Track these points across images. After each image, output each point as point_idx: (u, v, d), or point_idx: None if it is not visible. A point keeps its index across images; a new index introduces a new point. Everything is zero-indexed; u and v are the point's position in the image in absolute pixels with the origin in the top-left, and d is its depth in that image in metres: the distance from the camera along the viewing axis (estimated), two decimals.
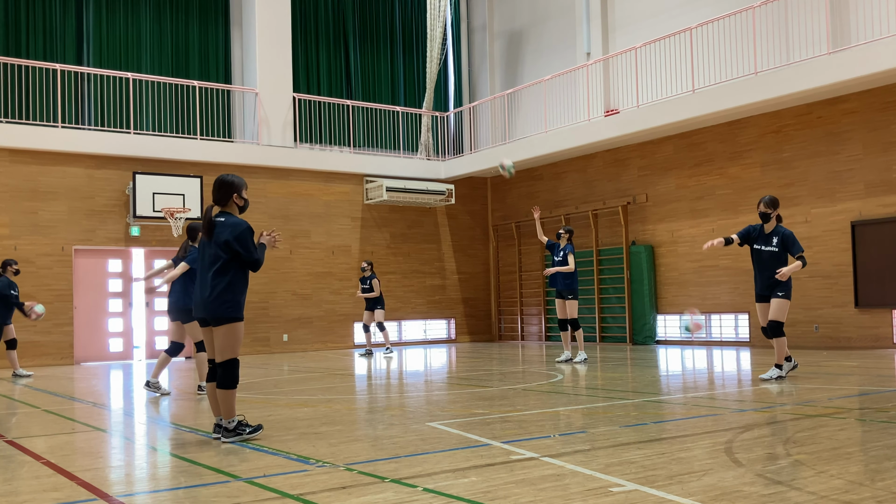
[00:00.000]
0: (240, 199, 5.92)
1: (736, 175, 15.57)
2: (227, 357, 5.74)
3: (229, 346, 5.74)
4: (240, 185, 5.93)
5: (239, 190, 5.91)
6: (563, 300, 12.59)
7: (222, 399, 5.74)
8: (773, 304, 8.84)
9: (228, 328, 5.72)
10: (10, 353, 13.04)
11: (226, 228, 5.72)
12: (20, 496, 4.24)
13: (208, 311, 5.71)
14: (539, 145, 18.16)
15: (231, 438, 5.71)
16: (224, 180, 5.90)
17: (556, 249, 12.67)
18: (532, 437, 5.58)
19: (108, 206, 16.41)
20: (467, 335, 20.94)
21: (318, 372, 12.24)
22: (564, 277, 12.47)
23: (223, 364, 5.73)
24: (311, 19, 20.00)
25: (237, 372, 5.78)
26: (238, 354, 5.83)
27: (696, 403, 7.37)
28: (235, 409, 5.82)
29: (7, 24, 16.60)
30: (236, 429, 5.74)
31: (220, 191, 5.88)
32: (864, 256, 13.65)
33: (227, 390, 5.74)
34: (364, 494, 4.05)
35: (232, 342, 5.74)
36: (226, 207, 5.89)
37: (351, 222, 19.31)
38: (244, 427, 5.78)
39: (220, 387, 5.73)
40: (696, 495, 3.82)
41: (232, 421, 5.76)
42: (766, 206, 8.95)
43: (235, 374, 5.75)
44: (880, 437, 5.26)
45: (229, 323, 5.71)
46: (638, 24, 17.70)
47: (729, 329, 15.88)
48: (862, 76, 12.64)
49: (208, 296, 5.69)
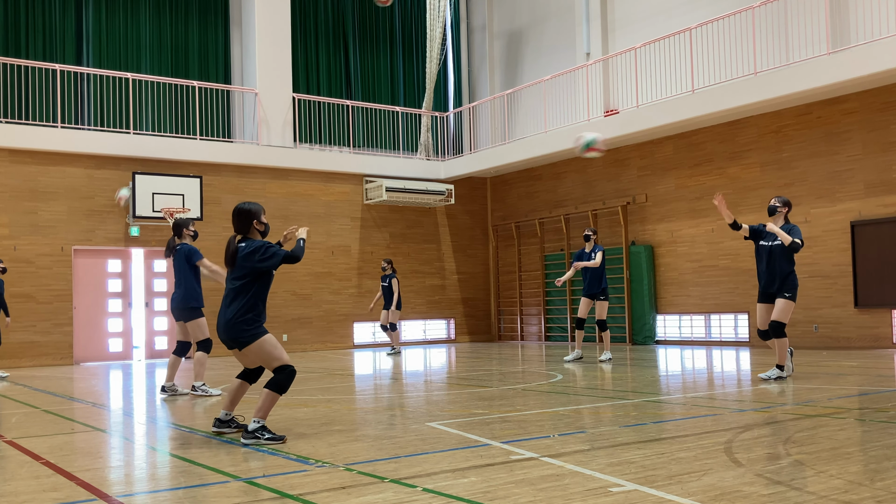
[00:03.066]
0: (260, 224, 6.03)
1: (736, 175, 15.57)
2: (276, 365, 5.81)
3: (271, 357, 5.82)
4: (258, 211, 6.04)
5: (258, 216, 6.02)
6: (593, 300, 12.48)
7: (263, 398, 5.74)
8: (777, 304, 8.83)
9: (256, 345, 5.80)
10: None
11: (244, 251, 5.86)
12: (20, 496, 4.24)
13: (229, 334, 5.83)
14: (539, 145, 18.16)
15: (249, 441, 5.66)
16: (242, 209, 6.02)
17: (585, 256, 12.55)
18: (532, 437, 5.58)
19: (107, 206, 16.40)
20: (467, 335, 20.93)
21: (317, 372, 12.24)
22: (601, 278, 12.39)
23: (277, 370, 5.80)
24: (310, 19, 20.00)
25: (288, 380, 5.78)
26: (286, 361, 5.82)
27: (696, 403, 7.37)
28: (267, 413, 5.75)
29: (7, 24, 16.59)
30: (256, 431, 5.68)
31: (240, 219, 6.01)
32: (864, 256, 13.65)
33: (273, 393, 5.75)
34: (364, 494, 4.05)
35: (269, 354, 5.82)
36: (248, 234, 6.01)
37: (351, 222, 19.31)
38: (264, 432, 5.70)
39: (267, 387, 5.76)
40: (696, 495, 3.82)
41: (256, 422, 5.70)
42: (778, 200, 8.97)
43: (285, 382, 5.77)
44: (880, 437, 5.26)
45: (252, 342, 5.79)
46: (638, 24, 17.70)
47: (729, 329, 15.89)
48: (862, 76, 12.64)
49: (230, 319, 5.80)
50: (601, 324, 12.51)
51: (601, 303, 12.45)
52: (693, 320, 16.54)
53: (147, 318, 17.10)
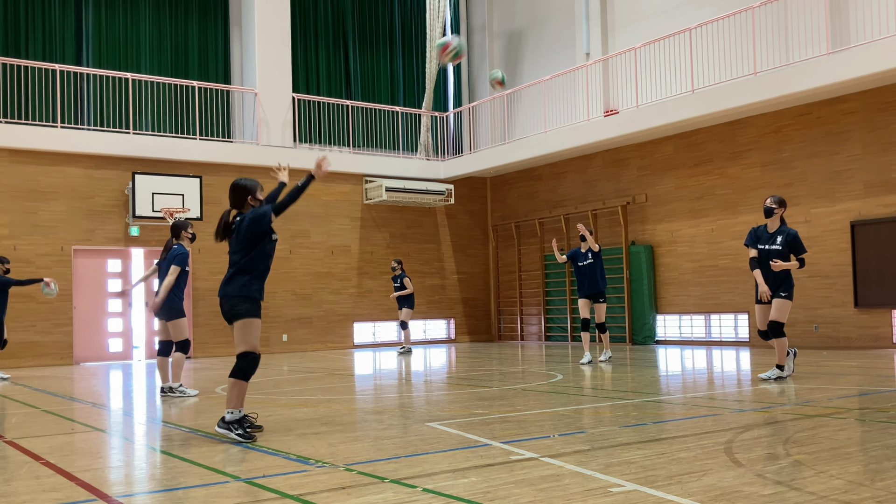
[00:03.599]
0: (255, 200, 6.08)
1: (735, 175, 15.57)
2: (242, 349, 5.86)
3: (243, 339, 5.86)
4: (253, 187, 6.08)
5: (253, 192, 6.07)
6: (593, 302, 12.36)
7: (230, 388, 5.84)
8: (775, 304, 8.83)
9: (242, 322, 5.86)
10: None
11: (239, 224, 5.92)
12: (20, 496, 4.23)
13: (225, 307, 5.93)
14: (538, 145, 18.16)
15: (221, 429, 5.81)
16: (237, 184, 6.08)
17: (580, 256, 12.40)
18: (532, 438, 5.58)
19: (107, 206, 16.41)
20: (467, 335, 20.93)
21: (317, 372, 12.24)
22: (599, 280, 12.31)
23: (240, 355, 5.86)
24: (310, 19, 20.00)
25: (251, 367, 5.84)
26: (252, 348, 5.86)
27: (696, 403, 7.37)
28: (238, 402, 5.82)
29: (6, 24, 16.59)
30: (231, 423, 5.78)
31: (235, 194, 6.06)
32: (864, 256, 13.65)
33: (238, 381, 5.82)
34: (364, 495, 4.05)
35: (245, 334, 5.86)
36: (242, 210, 6.07)
37: (350, 222, 19.31)
38: (236, 426, 5.76)
39: (232, 375, 5.84)
40: (696, 495, 3.82)
41: (230, 412, 5.80)
42: (773, 201, 8.95)
43: (248, 368, 5.83)
44: (880, 437, 5.26)
45: (240, 319, 5.85)
46: (637, 24, 17.70)
47: (729, 329, 15.89)
48: (862, 76, 12.64)
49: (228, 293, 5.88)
50: (601, 326, 12.50)
51: (599, 305, 12.40)
52: (693, 320, 16.54)
53: (147, 318, 17.09)
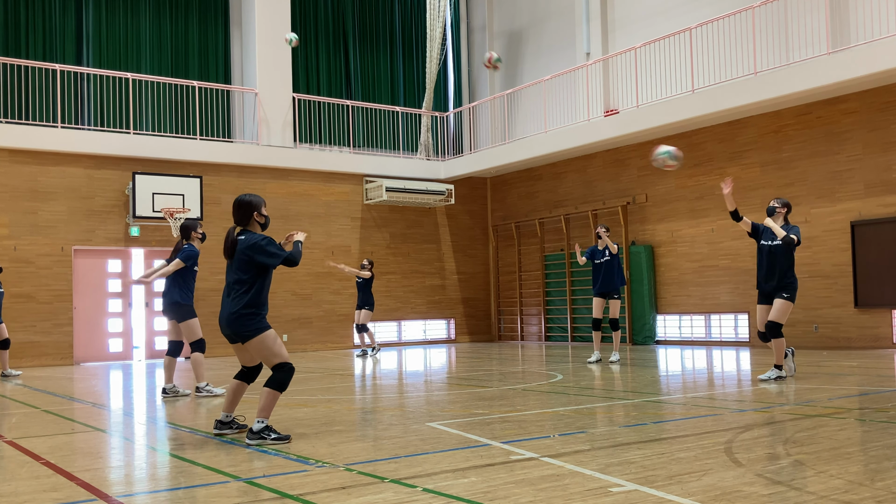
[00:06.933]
0: (260, 216, 6.05)
1: (736, 175, 15.54)
2: (275, 362, 5.78)
3: (271, 353, 5.79)
4: (258, 203, 6.05)
5: (258, 208, 6.04)
6: (607, 299, 12.31)
7: (264, 397, 5.74)
8: (775, 304, 8.83)
9: (258, 340, 5.77)
10: (2, 353, 12.96)
11: (243, 245, 5.84)
12: (20, 496, 4.23)
13: (232, 328, 5.81)
14: (539, 145, 18.16)
15: (254, 441, 5.66)
16: (242, 201, 6.03)
17: (597, 253, 12.35)
18: (532, 438, 5.58)
19: (107, 206, 16.41)
20: (467, 335, 20.93)
21: (317, 372, 12.24)
22: (619, 275, 12.28)
23: (276, 367, 5.78)
24: (310, 19, 20.00)
25: (287, 378, 5.78)
26: (285, 358, 5.81)
27: (696, 403, 7.37)
28: (269, 412, 5.75)
29: (7, 24, 16.59)
30: (261, 432, 5.68)
31: (240, 211, 6.01)
32: (864, 256, 13.65)
33: (273, 391, 5.74)
34: (364, 495, 4.05)
35: (270, 350, 5.78)
36: (248, 227, 6.02)
37: (351, 222, 19.31)
38: (269, 432, 5.70)
39: (267, 385, 5.75)
40: (696, 495, 3.82)
41: (260, 422, 5.71)
42: (777, 201, 8.98)
43: (285, 379, 5.77)
44: (880, 437, 5.26)
45: (254, 337, 5.76)
46: (638, 24, 17.70)
47: (729, 329, 15.88)
48: (862, 76, 12.63)
49: (232, 313, 5.77)
50: (614, 323, 12.44)
51: (614, 301, 12.36)
52: (693, 320, 16.54)
53: (147, 319, 17.10)
